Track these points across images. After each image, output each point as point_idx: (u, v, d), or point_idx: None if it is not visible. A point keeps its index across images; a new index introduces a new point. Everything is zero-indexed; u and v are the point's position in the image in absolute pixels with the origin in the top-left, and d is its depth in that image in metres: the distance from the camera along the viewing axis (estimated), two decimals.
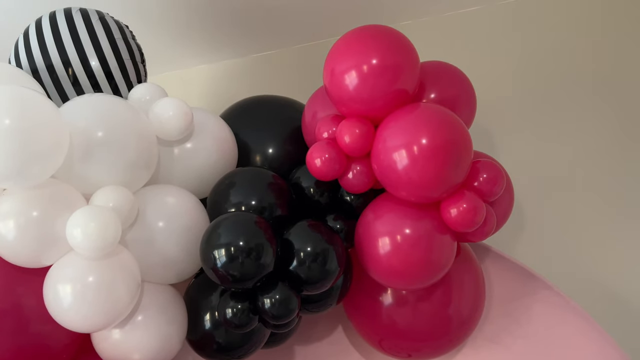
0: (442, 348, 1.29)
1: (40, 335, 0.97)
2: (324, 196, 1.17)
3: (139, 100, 1.12)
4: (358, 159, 1.09)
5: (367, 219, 1.11)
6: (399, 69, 1.05)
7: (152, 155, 1.07)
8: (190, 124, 1.11)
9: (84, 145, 0.96)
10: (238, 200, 1.11)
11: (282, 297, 1.02)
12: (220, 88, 1.67)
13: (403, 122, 1.02)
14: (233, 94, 1.45)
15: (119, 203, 0.97)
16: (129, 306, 0.97)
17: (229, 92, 1.55)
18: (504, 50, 1.67)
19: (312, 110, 1.22)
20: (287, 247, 1.05)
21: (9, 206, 0.91)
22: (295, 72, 1.67)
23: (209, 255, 1.00)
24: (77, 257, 0.93)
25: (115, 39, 1.12)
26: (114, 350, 1.02)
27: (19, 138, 0.85)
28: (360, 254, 1.13)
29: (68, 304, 0.92)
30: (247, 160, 1.27)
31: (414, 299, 1.21)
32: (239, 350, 1.12)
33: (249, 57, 1.69)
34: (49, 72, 1.07)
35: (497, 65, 1.65)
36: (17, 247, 0.92)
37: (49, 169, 0.90)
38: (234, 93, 1.46)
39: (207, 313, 1.10)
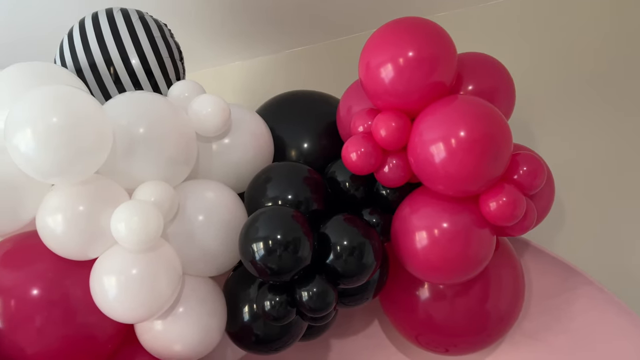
0: (480, 343, 1.28)
1: (86, 325, 1.01)
2: (359, 190, 1.17)
3: (178, 97, 1.14)
4: (394, 153, 1.08)
5: (404, 213, 1.11)
6: (435, 61, 1.03)
7: (191, 151, 1.09)
8: (228, 120, 1.13)
9: (126, 141, 0.99)
10: (275, 194, 1.13)
11: (319, 290, 1.03)
12: (255, 84, 1.68)
13: (440, 115, 1.01)
14: (267, 90, 1.46)
15: (160, 198, 0.99)
16: (170, 298, 1.00)
17: (263, 88, 1.57)
18: (543, 41, 1.63)
19: (346, 104, 1.22)
20: (323, 240, 1.06)
21: (57, 201, 0.95)
22: (329, 66, 1.67)
23: (248, 248, 1.01)
24: (121, 250, 0.96)
25: (155, 37, 1.15)
26: (157, 341, 1.05)
27: (65, 135, 0.88)
28: (396, 248, 1.13)
29: (113, 295, 0.95)
30: (283, 155, 1.29)
31: (452, 294, 1.20)
32: (277, 342, 1.13)
33: (283, 53, 1.70)
34: (92, 71, 1.11)
35: (535, 56, 1.61)
36: (65, 240, 0.95)
37: (94, 165, 0.93)
38: (268, 89, 1.47)
39: (245, 305, 1.12)
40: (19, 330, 0.96)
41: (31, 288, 0.98)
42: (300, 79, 1.60)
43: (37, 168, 0.90)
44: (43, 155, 0.88)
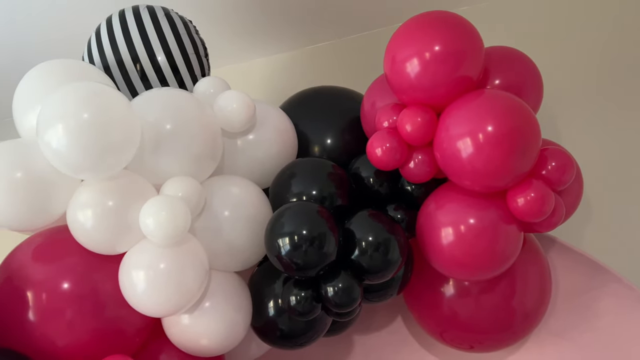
0: (505, 341, 1.26)
1: (115, 319, 1.02)
2: (383, 186, 1.17)
3: (204, 94, 1.15)
4: (420, 148, 1.08)
5: (429, 209, 1.10)
6: (462, 55, 1.03)
7: (217, 146, 1.10)
8: (253, 116, 1.13)
9: (154, 137, 1.00)
10: (299, 190, 1.13)
11: (344, 285, 1.03)
12: (277, 80, 1.68)
13: (467, 110, 1.00)
14: (290, 86, 1.47)
15: (187, 193, 1.00)
16: (197, 292, 1.01)
17: (285, 85, 1.57)
18: (571, 34, 1.60)
19: (370, 99, 1.21)
20: (348, 236, 1.06)
21: (87, 196, 0.96)
22: (351, 62, 1.66)
23: (274, 243, 1.02)
24: (150, 244, 0.97)
25: (180, 34, 1.16)
26: (184, 335, 1.06)
27: (96, 131, 0.90)
28: (422, 244, 1.12)
29: (141, 289, 0.96)
30: (306, 150, 1.29)
31: (477, 291, 1.19)
32: (301, 337, 1.14)
33: (304, 49, 1.70)
34: (119, 68, 1.12)
35: (564, 49, 1.58)
36: (95, 234, 0.97)
37: (123, 160, 0.95)
38: (290, 85, 1.47)
39: (270, 300, 1.12)
40: (49, 323, 0.98)
41: (61, 282, 0.99)
42: (322, 75, 1.60)
43: (68, 163, 0.91)
44: (74, 151, 0.89)
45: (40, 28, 1.47)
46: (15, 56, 1.54)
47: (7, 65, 1.58)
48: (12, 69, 1.57)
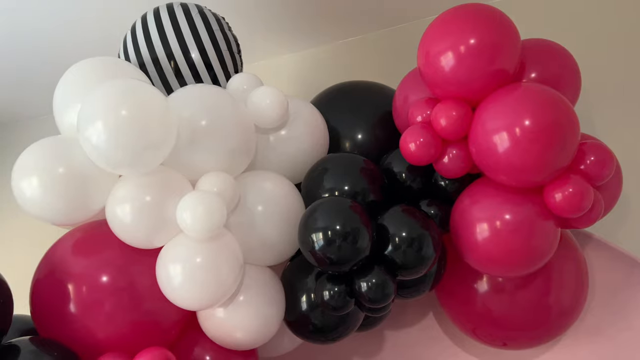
0: (539, 338, 1.25)
1: (152, 312, 1.04)
2: (416, 181, 1.16)
3: (237, 90, 1.16)
4: (454, 143, 1.07)
5: (464, 205, 1.09)
6: (498, 48, 1.01)
7: (250, 142, 1.11)
8: (285, 112, 1.14)
9: (189, 133, 1.01)
10: (331, 185, 1.13)
11: (378, 281, 1.03)
12: (307, 76, 1.68)
13: (503, 103, 0.99)
14: (320, 81, 1.46)
15: (222, 188, 1.01)
16: (233, 286, 1.02)
17: (316, 80, 1.56)
18: (611, 26, 1.55)
19: (403, 94, 1.21)
20: (381, 231, 1.06)
21: (125, 192, 0.98)
22: (382, 56, 1.65)
23: (307, 238, 1.02)
24: (186, 239, 0.99)
25: (214, 31, 1.17)
26: (219, 328, 1.07)
27: (134, 128, 0.91)
28: (456, 240, 1.11)
29: (178, 282, 0.98)
30: (337, 146, 1.28)
31: (511, 287, 1.17)
32: (334, 332, 1.14)
33: (334, 44, 1.69)
34: (155, 65, 1.14)
35: (603, 42, 1.53)
36: (132, 229, 0.99)
37: (160, 156, 0.96)
38: (321, 80, 1.47)
39: (303, 295, 1.13)
40: (89, 315, 1.00)
41: (101, 275, 1.02)
42: (352, 70, 1.59)
43: (107, 159, 0.93)
44: (113, 146, 0.91)
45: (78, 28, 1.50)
46: (54, 55, 1.58)
47: (46, 64, 1.61)
48: (51, 67, 1.62)
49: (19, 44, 1.57)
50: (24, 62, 1.66)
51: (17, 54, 1.62)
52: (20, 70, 1.68)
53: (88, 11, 1.49)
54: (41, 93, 1.52)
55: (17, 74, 1.69)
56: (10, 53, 1.61)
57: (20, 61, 1.66)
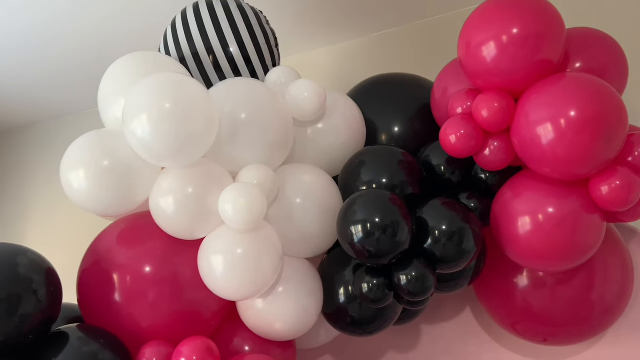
0: (582, 334, 1.22)
1: (193, 302, 1.06)
2: (455, 174, 1.15)
3: (275, 83, 1.16)
4: (496, 135, 1.05)
5: (505, 198, 1.07)
6: (542, 38, 0.99)
7: (289, 135, 1.11)
8: (323, 105, 1.14)
9: (230, 126, 1.03)
10: (369, 178, 1.13)
11: (418, 274, 1.02)
12: (343, 69, 1.68)
13: (548, 94, 0.97)
14: (356, 74, 1.45)
15: (262, 180, 1.02)
16: (273, 277, 1.03)
17: (352, 73, 1.56)
18: None
19: (442, 86, 1.19)
20: (421, 225, 1.05)
21: (169, 184, 1.00)
22: (416, 49, 1.63)
23: (346, 230, 1.02)
24: (227, 230, 1.00)
25: (252, 25, 1.17)
26: (258, 319, 1.08)
27: (177, 120, 0.93)
28: (496, 233, 1.09)
29: (220, 273, 0.99)
30: (374, 139, 1.28)
31: (553, 282, 1.15)
32: (371, 325, 1.14)
33: (369, 37, 1.68)
34: (194, 59, 1.15)
35: None
36: (175, 220, 1.01)
37: (203, 148, 0.98)
38: (357, 73, 1.46)
39: (341, 287, 1.13)
40: (133, 304, 1.03)
41: (144, 265, 1.04)
42: (388, 62, 1.58)
43: (151, 152, 0.95)
44: (157, 139, 0.93)
45: (120, 24, 1.53)
46: (98, 51, 1.62)
47: (91, 60, 1.65)
48: (95, 63, 1.66)
49: (66, 44, 1.61)
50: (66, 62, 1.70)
51: (63, 55, 1.67)
52: (62, 69, 1.73)
53: (132, 7, 1.51)
54: (87, 87, 1.57)
55: (59, 72, 1.74)
56: (57, 54, 1.65)
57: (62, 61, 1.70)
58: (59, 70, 1.73)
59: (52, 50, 1.64)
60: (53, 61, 1.68)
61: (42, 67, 1.71)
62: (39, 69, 1.72)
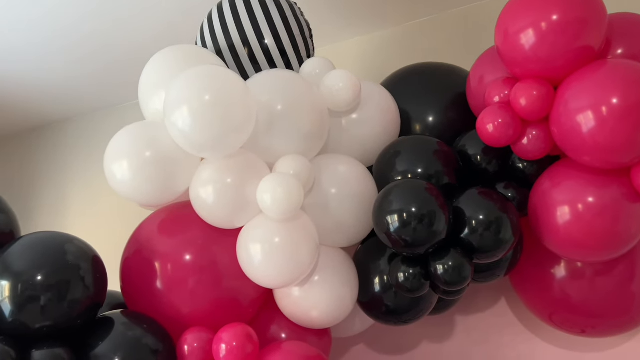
0: (621, 327, 1.20)
1: (232, 289, 1.08)
2: (492, 164, 1.14)
3: (310, 74, 1.17)
4: (534, 123, 1.03)
5: (544, 187, 1.06)
6: (583, 24, 0.97)
7: (325, 126, 1.12)
8: (358, 95, 1.14)
9: (266, 117, 1.04)
10: (404, 168, 1.13)
11: (455, 264, 1.02)
12: (376, 59, 1.67)
13: (589, 81, 0.95)
14: (389, 64, 1.45)
15: (298, 170, 1.04)
16: (309, 266, 1.04)
17: (384, 63, 1.55)
18: None
19: (478, 74, 1.18)
20: (457, 214, 1.05)
21: (208, 174, 1.02)
22: (454, 37, 1.61)
23: (382, 220, 1.03)
24: (265, 219, 1.02)
25: (287, 16, 1.18)
26: (295, 307, 1.10)
27: (217, 112, 0.95)
28: (534, 223, 1.08)
29: (258, 261, 1.01)
30: (408, 129, 1.27)
31: (592, 273, 1.13)
32: (407, 314, 1.15)
33: (404, 25, 1.67)
34: (231, 51, 1.17)
35: None
36: (215, 210, 1.03)
37: (241, 139, 0.99)
38: (390, 63, 1.46)
39: (376, 277, 1.13)
40: (174, 292, 1.06)
41: (184, 254, 1.07)
42: (422, 52, 1.57)
43: (192, 143, 0.97)
44: (198, 130, 0.95)
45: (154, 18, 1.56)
46: (131, 45, 1.65)
47: (124, 54, 1.69)
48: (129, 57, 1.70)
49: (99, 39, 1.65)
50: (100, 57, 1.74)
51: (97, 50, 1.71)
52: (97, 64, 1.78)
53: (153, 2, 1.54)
54: (127, 80, 1.61)
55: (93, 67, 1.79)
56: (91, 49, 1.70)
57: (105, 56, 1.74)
58: (93, 65, 1.77)
59: (85, 45, 1.68)
60: (87, 56, 1.72)
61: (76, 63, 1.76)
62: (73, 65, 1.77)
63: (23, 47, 1.66)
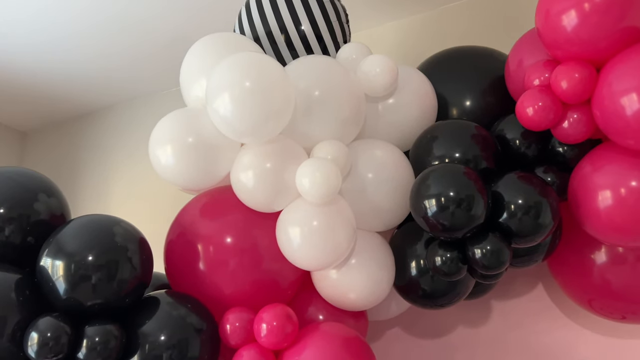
0: None
1: (271, 271, 1.11)
2: (531, 148, 1.13)
3: (347, 60, 1.18)
4: (575, 106, 1.02)
5: (585, 171, 1.04)
6: (627, 4, 0.94)
7: (361, 111, 1.13)
8: (395, 80, 1.14)
9: (304, 103, 1.06)
10: (441, 153, 1.13)
11: (493, 248, 1.02)
12: (411, 44, 1.66)
13: (634, 63, 0.93)
14: (424, 49, 1.44)
15: (336, 155, 1.05)
16: (347, 249, 1.06)
17: (420, 48, 1.55)
18: None
19: (517, 57, 1.16)
20: (496, 198, 1.04)
21: (249, 159, 1.05)
22: (490, 20, 1.59)
23: (420, 205, 1.04)
24: (303, 203, 1.04)
25: (324, 2, 1.19)
26: (333, 289, 1.12)
27: (257, 98, 0.97)
28: (575, 208, 1.07)
29: (297, 244, 1.04)
30: (445, 113, 1.27)
31: (634, 258, 1.12)
32: (443, 298, 1.15)
33: (440, 9, 1.65)
34: (268, 38, 1.18)
35: None
36: (255, 193, 1.05)
37: (281, 125, 1.01)
38: (425, 48, 1.45)
39: (413, 260, 1.14)
40: (216, 273, 1.09)
41: (225, 236, 1.10)
42: (458, 35, 1.55)
43: (233, 129, 1.00)
44: (239, 116, 0.97)
45: (198, 5, 1.59)
46: (178, 32, 1.69)
47: (164, 43, 1.73)
48: (169, 46, 1.74)
49: (140, 29, 1.70)
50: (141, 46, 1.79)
51: (139, 39, 1.75)
52: (137, 54, 1.82)
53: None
54: (168, 67, 1.65)
55: (134, 56, 1.84)
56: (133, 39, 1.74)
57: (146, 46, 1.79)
58: (133, 55, 1.82)
59: (126, 36, 1.73)
60: (127, 47, 1.77)
61: (117, 54, 1.81)
62: (115, 55, 1.82)
63: (67, 38, 1.72)
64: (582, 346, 1.33)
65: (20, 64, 1.84)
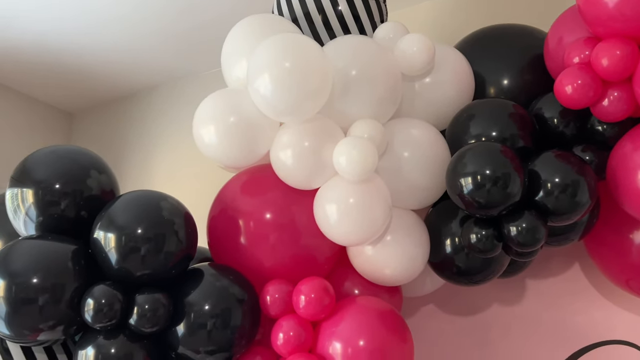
0: None
1: (309, 247, 1.15)
2: (569, 126, 1.12)
3: (384, 39, 1.19)
4: (616, 84, 1.01)
5: (625, 150, 1.03)
6: None
7: (398, 90, 1.14)
8: (432, 59, 1.15)
9: (342, 83, 1.08)
10: (478, 131, 1.13)
11: (529, 225, 1.03)
12: (447, 23, 1.65)
13: None
14: (460, 28, 1.43)
15: (372, 134, 1.07)
16: (382, 225, 1.09)
17: (457, 26, 1.53)
18: None
19: (557, 35, 1.15)
20: (532, 177, 1.05)
21: (288, 138, 1.08)
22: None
23: (456, 182, 1.05)
24: (340, 181, 1.07)
25: None
26: (368, 265, 1.16)
27: (296, 78, 1.00)
28: (613, 187, 1.06)
29: (334, 220, 1.07)
30: (482, 92, 1.27)
31: None
32: (478, 275, 1.17)
33: None
34: (306, 19, 1.20)
35: None
36: (293, 171, 1.09)
37: (318, 104, 1.04)
38: (460, 27, 1.44)
39: (447, 238, 1.16)
40: (256, 247, 1.14)
41: (265, 212, 1.14)
42: (495, 13, 1.53)
43: (273, 108, 1.03)
44: (278, 96, 1.01)
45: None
46: (219, 14, 1.73)
47: (212, 23, 1.77)
48: (208, 28, 1.78)
49: (180, 10, 1.74)
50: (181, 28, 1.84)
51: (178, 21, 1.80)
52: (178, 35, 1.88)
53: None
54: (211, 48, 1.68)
55: (175, 38, 1.89)
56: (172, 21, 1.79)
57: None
58: (176, 36, 1.88)
59: (168, 17, 1.78)
60: (170, 28, 1.82)
61: (160, 35, 1.87)
62: (157, 37, 1.87)
63: (113, 21, 1.79)
64: (619, 326, 1.33)
65: (67, 47, 1.92)
